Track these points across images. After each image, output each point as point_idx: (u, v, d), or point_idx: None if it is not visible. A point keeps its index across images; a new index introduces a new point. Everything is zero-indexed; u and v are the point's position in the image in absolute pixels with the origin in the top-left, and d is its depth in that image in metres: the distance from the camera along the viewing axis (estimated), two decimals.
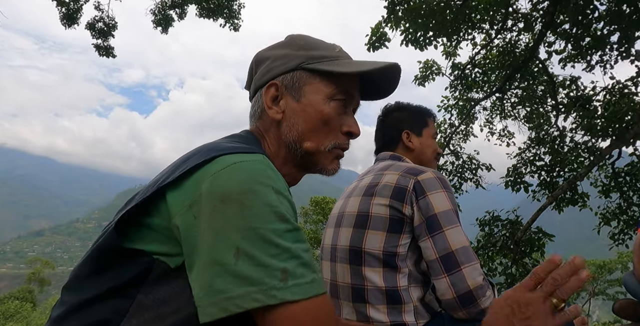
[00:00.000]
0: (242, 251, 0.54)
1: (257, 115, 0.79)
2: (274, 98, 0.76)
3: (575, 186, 5.78)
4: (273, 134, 0.77)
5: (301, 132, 0.74)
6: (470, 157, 7.35)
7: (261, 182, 0.58)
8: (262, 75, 0.78)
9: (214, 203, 0.56)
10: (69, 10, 7.10)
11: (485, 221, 6.21)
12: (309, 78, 0.75)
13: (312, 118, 0.74)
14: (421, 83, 7.73)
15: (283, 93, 0.75)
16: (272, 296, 0.53)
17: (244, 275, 0.53)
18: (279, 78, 0.76)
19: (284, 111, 0.75)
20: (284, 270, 0.54)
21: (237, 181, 0.57)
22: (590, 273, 0.62)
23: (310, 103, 0.74)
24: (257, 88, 0.79)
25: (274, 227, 0.56)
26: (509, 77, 6.52)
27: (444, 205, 1.11)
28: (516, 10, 6.28)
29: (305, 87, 0.75)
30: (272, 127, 0.77)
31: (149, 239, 0.60)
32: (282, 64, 0.76)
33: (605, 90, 5.70)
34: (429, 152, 1.44)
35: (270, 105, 0.75)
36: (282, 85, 0.75)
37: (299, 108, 0.74)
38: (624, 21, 4.55)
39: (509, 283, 5.68)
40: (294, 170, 0.79)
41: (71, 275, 0.65)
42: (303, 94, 0.75)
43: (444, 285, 1.05)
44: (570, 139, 6.25)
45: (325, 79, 0.75)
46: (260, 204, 0.56)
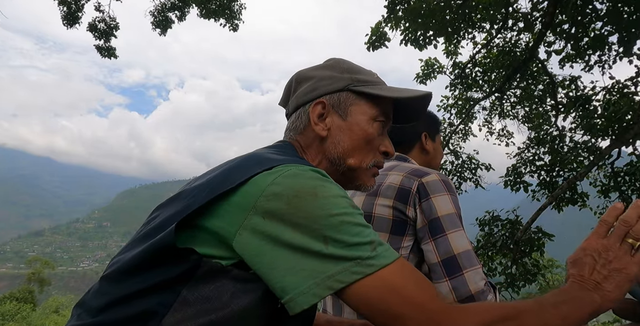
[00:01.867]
0: (329, 238, 0.59)
1: (298, 129, 0.83)
2: (320, 115, 0.80)
3: (574, 186, 5.78)
4: (315, 149, 0.81)
5: (346, 149, 0.79)
6: (469, 156, 7.35)
7: (326, 180, 0.65)
8: (307, 92, 0.82)
9: (288, 200, 0.60)
10: (71, 9, 7.09)
11: (485, 221, 6.22)
12: (355, 99, 0.80)
13: (357, 136, 0.79)
14: (422, 82, 7.73)
15: (330, 111, 0.80)
16: (369, 266, 0.58)
17: (338, 256, 0.58)
18: (326, 97, 0.80)
19: (330, 128, 0.79)
20: (371, 242, 0.60)
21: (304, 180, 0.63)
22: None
23: (357, 122, 0.80)
24: (299, 104, 0.83)
25: (349, 210, 0.62)
26: (508, 76, 6.52)
27: (448, 209, 1.11)
28: (516, 10, 6.28)
29: (352, 107, 0.80)
30: (315, 143, 0.81)
31: (202, 240, 0.63)
32: (329, 84, 0.81)
33: (604, 90, 5.71)
34: (439, 158, 1.45)
35: (317, 121, 0.79)
36: (329, 103, 0.80)
37: (345, 127, 0.79)
38: (623, 21, 4.55)
39: (509, 283, 5.69)
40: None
41: (114, 267, 0.67)
42: (349, 114, 0.80)
43: (445, 289, 1.05)
44: (569, 139, 6.26)
45: (370, 102, 0.81)
46: (333, 194, 0.62)
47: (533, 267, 5.73)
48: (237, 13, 7.73)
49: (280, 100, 0.92)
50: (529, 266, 5.69)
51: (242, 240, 0.61)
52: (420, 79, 7.70)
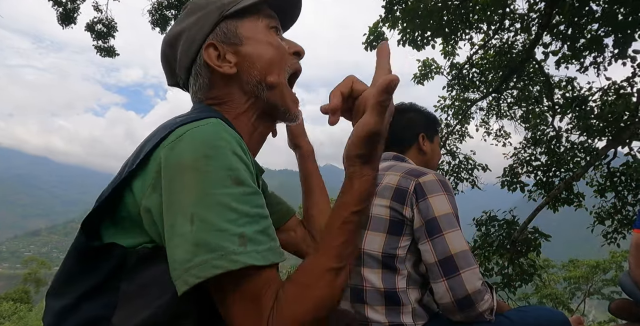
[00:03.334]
0: (197, 217, 0.53)
1: (205, 86, 0.75)
2: (217, 57, 0.73)
3: (571, 186, 5.80)
4: (235, 92, 0.74)
5: (261, 68, 0.73)
6: (466, 157, 7.38)
7: (215, 146, 0.57)
8: (187, 49, 0.75)
9: (171, 175, 0.56)
10: (66, 10, 7.07)
11: (482, 221, 6.23)
12: (237, 22, 0.74)
13: (264, 50, 0.74)
14: (420, 82, 7.74)
15: (224, 48, 0.73)
16: (233, 261, 0.51)
17: (201, 242, 0.52)
18: (208, 38, 0.74)
19: (236, 62, 0.73)
20: (241, 235, 0.53)
21: (190, 149, 0.56)
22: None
23: (255, 39, 0.74)
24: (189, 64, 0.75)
25: (231, 191, 0.55)
26: (505, 77, 6.54)
27: (445, 209, 1.11)
28: (513, 11, 6.30)
29: (239, 30, 0.74)
30: (230, 86, 0.74)
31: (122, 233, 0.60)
32: (202, 27, 0.74)
33: (601, 91, 5.74)
34: (436, 159, 1.45)
35: (219, 64, 0.73)
36: (217, 41, 0.73)
37: (248, 49, 0.73)
38: (619, 23, 4.58)
39: (505, 283, 5.70)
40: (263, 122, 0.77)
41: (53, 282, 0.65)
42: (242, 36, 0.74)
43: (442, 289, 1.05)
44: (566, 139, 6.29)
45: (250, 16, 0.75)
46: (216, 168, 0.55)
47: (529, 267, 5.74)
48: None
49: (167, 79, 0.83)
50: (525, 267, 5.71)
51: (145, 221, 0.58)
52: (418, 79, 7.72)
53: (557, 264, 17.94)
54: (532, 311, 1.16)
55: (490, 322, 1.07)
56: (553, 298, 14.39)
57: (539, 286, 14.74)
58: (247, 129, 0.75)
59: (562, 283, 16.89)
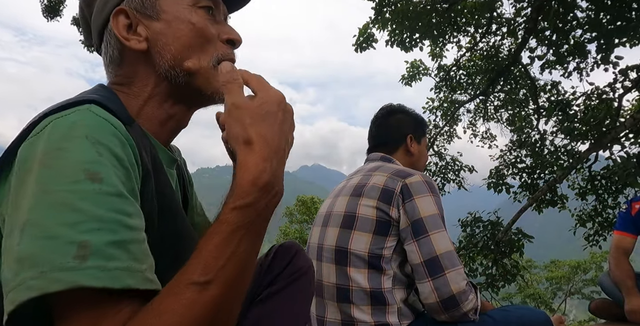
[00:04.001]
0: (28, 223, 0.40)
1: (115, 60, 0.64)
2: (128, 27, 0.62)
3: (554, 188, 5.91)
4: (143, 72, 0.63)
5: (176, 51, 0.62)
6: (453, 158, 7.46)
7: (73, 136, 0.46)
8: (101, 10, 0.64)
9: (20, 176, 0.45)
10: (51, 2, 6.92)
11: (467, 222, 6.30)
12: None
13: (183, 31, 0.62)
14: (408, 83, 7.81)
15: (137, 18, 0.62)
16: (55, 281, 0.38)
17: (24, 255, 0.39)
18: (122, 4, 0.62)
19: (147, 37, 0.62)
20: (82, 244, 0.39)
21: (45, 142, 0.45)
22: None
23: (174, 16, 0.62)
24: (100, 27, 0.64)
25: (80, 187, 0.42)
26: (492, 80, 6.64)
27: (431, 210, 1.12)
28: (500, 15, 6.39)
29: (159, 1, 0.62)
30: (140, 65, 0.63)
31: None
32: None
33: (584, 96, 5.86)
34: (423, 161, 1.47)
35: (126, 35, 0.62)
36: (132, 8, 0.62)
37: (163, 27, 0.62)
38: (603, 29, 4.68)
39: (489, 283, 5.78)
40: (183, 107, 0.67)
41: None
42: (161, 10, 0.62)
43: (427, 289, 1.07)
44: (550, 142, 6.40)
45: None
46: (66, 161, 0.44)
47: (512, 268, 5.84)
48: None
49: (84, 38, 0.72)
50: (508, 267, 5.80)
51: None
52: (406, 80, 7.79)
53: (539, 265, 18.27)
54: (515, 310, 1.18)
55: (474, 322, 1.09)
56: (536, 298, 14.65)
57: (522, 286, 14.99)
58: (158, 116, 0.64)
59: (545, 283, 17.20)
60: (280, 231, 15.49)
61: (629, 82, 4.95)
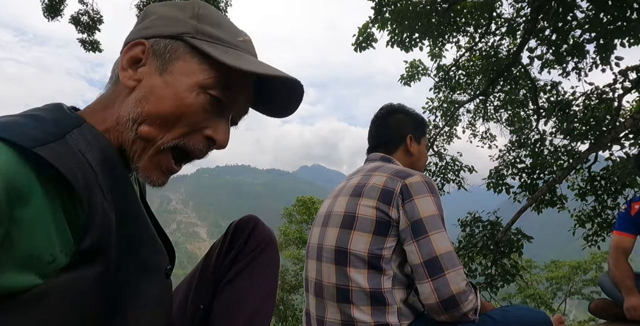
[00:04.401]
0: None
1: (113, 76, 0.63)
2: (135, 61, 0.61)
3: (554, 188, 5.92)
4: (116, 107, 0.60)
5: (146, 112, 0.58)
6: (453, 158, 7.47)
7: None
8: (139, 30, 0.63)
9: None
10: (52, 1, 6.91)
11: (467, 222, 6.31)
12: (186, 54, 0.60)
13: (167, 100, 0.58)
14: (407, 83, 7.82)
15: (148, 59, 0.60)
16: None
17: None
18: (151, 40, 0.61)
19: (140, 80, 0.59)
20: None
21: None
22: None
23: (174, 82, 0.59)
24: (125, 43, 0.63)
25: None
26: (492, 80, 6.64)
27: (430, 210, 1.12)
28: (500, 15, 6.40)
29: (177, 62, 0.59)
30: (120, 97, 0.60)
31: None
32: (163, 25, 0.61)
33: (584, 96, 5.87)
34: (423, 161, 1.46)
35: (126, 66, 0.60)
36: (151, 48, 0.60)
37: (158, 83, 0.59)
38: (602, 29, 4.69)
39: (488, 283, 5.78)
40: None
41: None
42: (170, 69, 0.59)
43: (427, 290, 1.07)
44: (550, 142, 6.41)
45: (205, 63, 0.59)
46: None
47: (512, 268, 5.84)
48: (222, 10, 7.67)
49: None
50: (507, 267, 5.80)
51: None
52: (405, 80, 7.79)
53: (539, 265, 18.28)
54: (515, 311, 1.18)
55: (474, 322, 1.09)
56: (536, 298, 14.65)
57: (522, 286, 14.99)
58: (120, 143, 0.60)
59: (545, 283, 17.21)
60: (280, 231, 15.49)
61: (629, 82, 4.95)
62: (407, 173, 1.20)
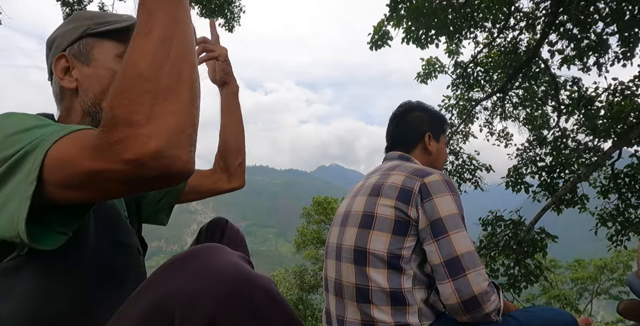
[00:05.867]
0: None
1: (57, 95, 0.77)
2: (66, 70, 0.75)
3: (575, 187, 5.77)
4: (75, 108, 0.76)
5: (96, 93, 0.74)
6: (470, 157, 7.33)
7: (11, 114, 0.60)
8: (52, 56, 0.77)
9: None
10: (73, 10, 7.12)
11: (488, 221, 6.20)
12: (97, 42, 0.76)
13: (104, 76, 0.74)
14: (423, 81, 7.71)
15: (73, 62, 0.75)
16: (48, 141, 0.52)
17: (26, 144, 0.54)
18: (66, 50, 0.76)
19: (77, 79, 0.75)
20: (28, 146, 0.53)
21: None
22: None
23: (102, 64, 0.75)
24: (50, 68, 0.78)
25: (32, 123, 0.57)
26: (511, 76, 6.51)
27: (450, 209, 1.10)
28: (518, 9, 6.26)
29: (93, 50, 0.75)
30: (73, 101, 0.76)
31: None
32: (68, 38, 0.76)
33: (607, 91, 5.69)
34: (442, 159, 1.43)
35: (61, 76, 0.75)
36: (70, 54, 0.75)
37: (90, 72, 0.75)
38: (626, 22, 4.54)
39: (511, 284, 5.67)
40: None
41: None
42: (92, 58, 0.75)
43: (448, 290, 1.05)
44: (572, 140, 6.24)
45: (113, 40, 0.76)
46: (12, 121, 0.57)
47: (535, 268, 5.70)
48: (236, 15, 7.77)
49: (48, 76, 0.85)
50: (531, 268, 5.67)
51: None
52: (422, 78, 7.69)
53: (564, 264, 17.81)
54: (539, 312, 1.15)
55: (497, 323, 1.07)
56: (561, 299, 14.27)
57: (546, 287, 14.64)
58: None
59: (569, 283, 16.75)
60: (297, 232, 15.53)
61: None
62: (426, 172, 1.19)
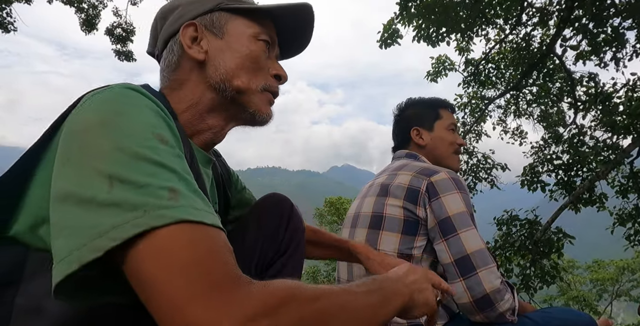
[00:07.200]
0: (114, 177, 0.42)
1: (172, 64, 0.71)
2: (194, 39, 0.70)
3: (593, 186, 5.63)
4: (195, 80, 0.70)
5: (229, 69, 0.69)
6: (485, 156, 7.22)
7: (132, 103, 0.49)
8: (174, 22, 0.72)
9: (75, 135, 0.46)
10: (88, 16, 7.28)
11: (503, 220, 6.09)
12: (231, 17, 0.72)
13: (240, 54, 0.70)
14: (433, 80, 7.62)
15: (203, 32, 0.70)
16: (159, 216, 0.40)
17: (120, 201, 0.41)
18: (196, 19, 0.71)
19: (207, 51, 0.69)
20: (171, 188, 0.43)
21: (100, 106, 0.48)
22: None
23: (237, 39, 0.70)
24: (169, 36, 0.72)
25: (151, 144, 0.45)
26: (525, 73, 6.40)
27: (458, 207, 1.08)
28: (531, 4, 6.15)
29: (227, 25, 0.71)
30: (194, 73, 0.70)
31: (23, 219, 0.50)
32: (195, 8, 0.71)
33: (625, 87, 5.55)
34: (442, 146, 1.36)
35: (190, 44, 0.69)
36: (202, 24, 0.70)
37: (224, 45, 0.70)
38: None
39: (525, 284, 5.56)
40: (221, 121, 0.72)
41: None
42: (226, 32, 0.71)
43: (460, 289, 1.03)
44: (590, 137, 6.10)
45: (246, 19, 0.72)
46: (131, 123, 0.46)
47: (552, 269, 5.58)
48: None
49: (148, 46, 0.79)
50: (547, 268, 5.55)
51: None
52: (432, 76, 7.61)
53: (582, 265, 17.43)
54: (557, 313, 1.12)
55: (512, 323, 1.04)
56: (579, 300, 13.96)
57: (564, 288, 14.34)
58: (196, 124, 0.70)
59: (588, 284, 16.39)
60: None
61: None
62: (432, 170, 1.17)
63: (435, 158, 1.35)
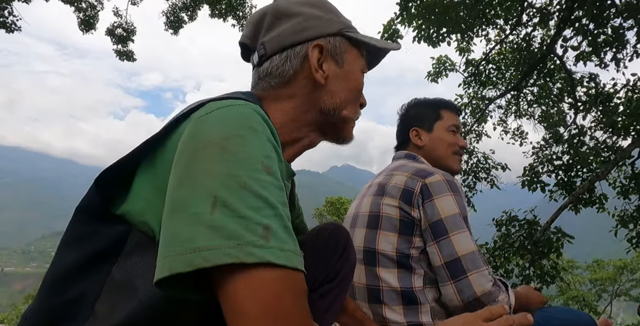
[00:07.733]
0: (220, 200, 0.46)
1: (285, 77, 0.71)
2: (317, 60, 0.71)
3: (593, 186, 5.62)
4: (304, 98, 0.71)
5: (343, 100, 0.73)
6: (485, 156, 7.22)
7: (251, 127, 0.52)
8: (296, 32, 0.71)
9: (195, 148, 0.50)
10: (86, 16, 7.29)
11: (502, 221, 6.09)
12: (348, 46, 0.75)
13: (353, 87, 0.75)
14: (434, 80, 7.62)
15: (327, 57, 0.72)
16: (249, 254, 0.44)
17: (219, 226, 0.45)
18: (321, 40, 0.71)
19: (327, 76, 0.72)
20: (266, 226, 0.46)
21: (221, 125, 0.52)
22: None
23: (352, 71, 0.75)
24: (287, 45, 0.71)
25: (259, 176, 0.49)
26: (525, 74, 6.39)
27: (451, 210, 1.08)
28: (531, 5, 6.15)
29: (346, 54, 0.74)
30: (306, 91, 0.71)
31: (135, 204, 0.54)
32: (320, 25, 0.72)
33: (626, 87, 5.54)
34: (441, 147, 1.35)
35: (317, 67, 0.71)
36: (327, 48, 0.72)
37: (341, 74, 0.73)
38: None
39: (525, 284, 5.56)
40: (316, 137, 0.77)
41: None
42: (345, 61, 0.74)
43: (449, 291, 1.03)
44: (590, 137, 6.10)
45: (357, 50, 0.76)
46: (247, 150, 0.50)
47: (551, 269, 5.58)
48: (248, 14, 7.81)
49: (243, 36, 0.77)
50: (546, 269, 5.55)
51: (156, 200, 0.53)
52: (432, 77, 7.61)
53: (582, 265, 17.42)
54: (556, 313, 1.13)
55: None
56: (579, 300, 13.95)
57: (563, 288, 14.33)
58: (294, 135, 0.73)
59: (588, 284, 16.38)
60: None
61: None
62: (427, 172, 1.17)
63: (434, 159, 1.35)
